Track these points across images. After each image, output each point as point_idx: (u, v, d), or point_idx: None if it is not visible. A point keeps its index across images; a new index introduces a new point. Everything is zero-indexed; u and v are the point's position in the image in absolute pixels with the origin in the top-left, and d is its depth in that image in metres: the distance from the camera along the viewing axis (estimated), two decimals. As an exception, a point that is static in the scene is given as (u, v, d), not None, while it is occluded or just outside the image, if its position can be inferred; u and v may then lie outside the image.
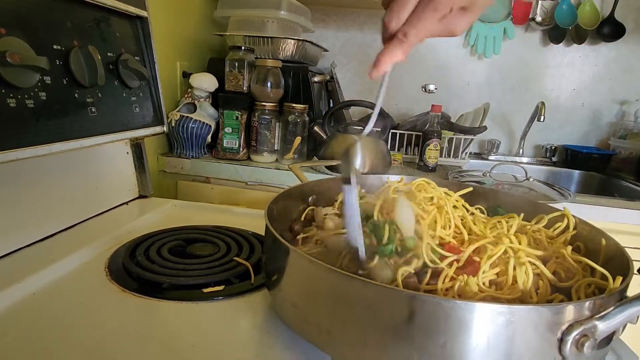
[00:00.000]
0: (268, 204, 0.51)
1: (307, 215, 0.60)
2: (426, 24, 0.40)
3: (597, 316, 0.34)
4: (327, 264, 0.37)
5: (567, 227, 0.54)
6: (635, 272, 0.40)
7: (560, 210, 0.56)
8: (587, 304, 0.34)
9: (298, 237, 0.54)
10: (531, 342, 0.34)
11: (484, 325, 0.33)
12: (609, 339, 0.36)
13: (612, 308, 0.35)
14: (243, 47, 1.19)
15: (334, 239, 0.49)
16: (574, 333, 0.34)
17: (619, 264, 0.44)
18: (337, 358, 0.41)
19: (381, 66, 0.44)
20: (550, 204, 0.59)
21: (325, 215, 0.56)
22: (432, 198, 0.55)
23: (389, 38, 0.43)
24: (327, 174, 1.11)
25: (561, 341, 0.34)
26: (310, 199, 0.63)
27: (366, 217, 0.49)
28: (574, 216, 0.54)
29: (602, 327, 0.34)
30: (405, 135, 1.40)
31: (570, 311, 0.34)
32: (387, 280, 0.42)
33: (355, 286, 0.36)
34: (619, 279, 0.39)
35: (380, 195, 0.54)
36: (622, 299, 0.36)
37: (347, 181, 0.42)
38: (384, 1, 0.44)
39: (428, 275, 0.43)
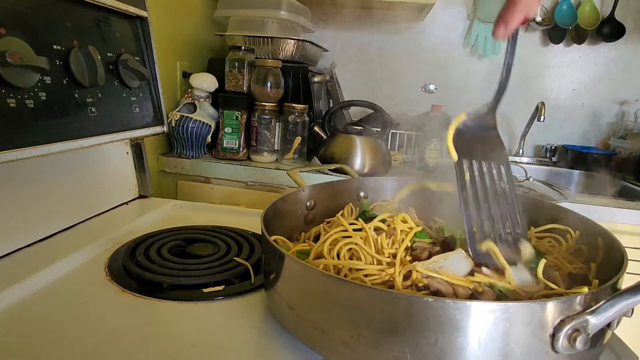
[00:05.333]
0: (264, 211, 0.51)
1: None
2: None
3: (588, 310, 0.34)
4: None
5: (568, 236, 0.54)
6: None
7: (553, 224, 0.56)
8: (577, 298, 0.34)
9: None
10: (523, 339, 0.34)
11: (476, 324, 0.33)
12: (603, 332, 0.36)
13: (603, 302, 0.35)
14: (243, 47, 1.19)
15: None
16: (566, 328, 0.34)
17: (614, 257, 0.45)
18: (330, 359, 0.42)
19: (513, 22, 0.39)
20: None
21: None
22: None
23: None
24: (327, 174, 1.11)
25: (553, 337, 0.34)
26: (308, 203, 0.63)
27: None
28: (572, 211, 0.55)
29: (594, 321, 0.34)
30: (405, 135, 1.40)
31: (560, 306, 0.34)
32: None
33: (348, 288, 0.37)
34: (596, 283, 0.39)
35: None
36: (614, 292, 0.36)
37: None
38: None
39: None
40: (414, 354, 0.34)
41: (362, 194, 0.68)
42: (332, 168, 1.03)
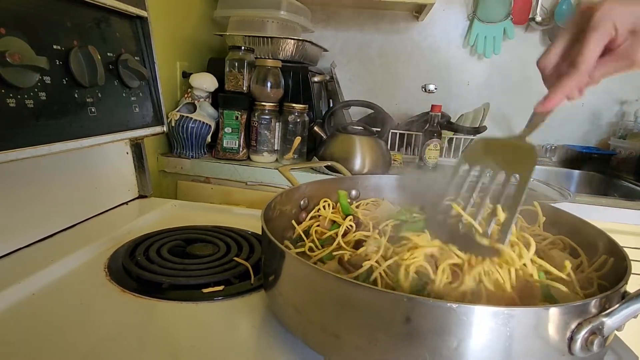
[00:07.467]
0: (263, 210, 0.51)
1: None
2: (590, 47, 0.38)
3: (603, 313, 0.35)
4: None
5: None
6: None
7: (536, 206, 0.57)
8: (593, 302, 0.35)
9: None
10: (542, 342, 0.34)
11: (496, 328, 0.33)
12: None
13: (617, 305, 0.35)
14: (243, 47, 1.19)
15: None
16: (583, 331, 0.34)
17: (615, 260, 0.45)
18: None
19: (551, 101, 0.42)
20: (551, 204, 0.59)
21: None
22: None
23: (551, 75, 0.43)
24: (326, 173, 1.11)
25: (571, 340, 0.34)
26: (301, 202, 0.63)
27: None
28: (574, 215, 0.55)
29: (610, 323, 0.34)
30: (405, 135, 1.41)
31: (578, 310, 0.34)
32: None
33: (360, 292, 0.36)
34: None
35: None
36: (624, 296, 0.37)
37: None
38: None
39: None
40: (434, 359, 0.34)
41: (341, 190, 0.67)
42: (324, 165, 1.03)
